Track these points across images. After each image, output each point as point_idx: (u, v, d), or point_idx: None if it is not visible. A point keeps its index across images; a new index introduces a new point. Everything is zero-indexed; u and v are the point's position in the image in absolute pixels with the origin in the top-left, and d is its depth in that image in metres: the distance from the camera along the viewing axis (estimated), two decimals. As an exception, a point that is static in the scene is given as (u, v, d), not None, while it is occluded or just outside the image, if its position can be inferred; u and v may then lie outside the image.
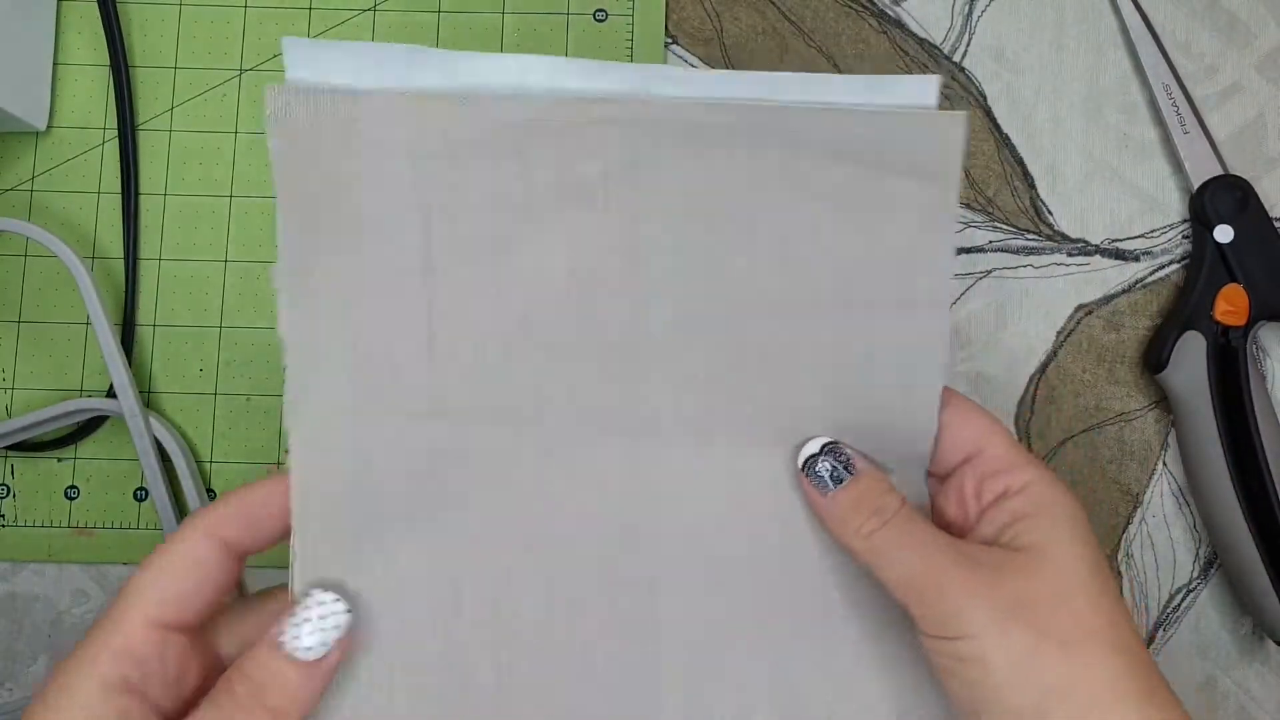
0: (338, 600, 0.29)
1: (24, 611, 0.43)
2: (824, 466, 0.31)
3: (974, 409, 0.32)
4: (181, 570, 0.28)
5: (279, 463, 0.43)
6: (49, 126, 0.45)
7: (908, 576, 0.29)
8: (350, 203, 0.30)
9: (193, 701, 0.28)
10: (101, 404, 0.43)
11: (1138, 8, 0.45)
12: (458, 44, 0.45)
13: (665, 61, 0.45)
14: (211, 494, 0.43)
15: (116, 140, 0.45)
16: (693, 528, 0.31)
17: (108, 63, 0.45)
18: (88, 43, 0.45)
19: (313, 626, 0.28)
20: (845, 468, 0.31)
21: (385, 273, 0.30)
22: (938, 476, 0.33)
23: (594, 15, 0.46)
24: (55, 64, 0.45)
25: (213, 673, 0.29)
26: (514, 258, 0.30)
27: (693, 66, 0.45)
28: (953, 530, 0.31)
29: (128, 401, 0.42)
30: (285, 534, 0.30)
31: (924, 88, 0.30)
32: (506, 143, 0.30)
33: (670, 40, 0.46)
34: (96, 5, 0.44)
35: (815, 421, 0.32)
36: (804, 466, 0.31)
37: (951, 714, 0.31)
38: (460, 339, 0.30)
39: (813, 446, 0.31)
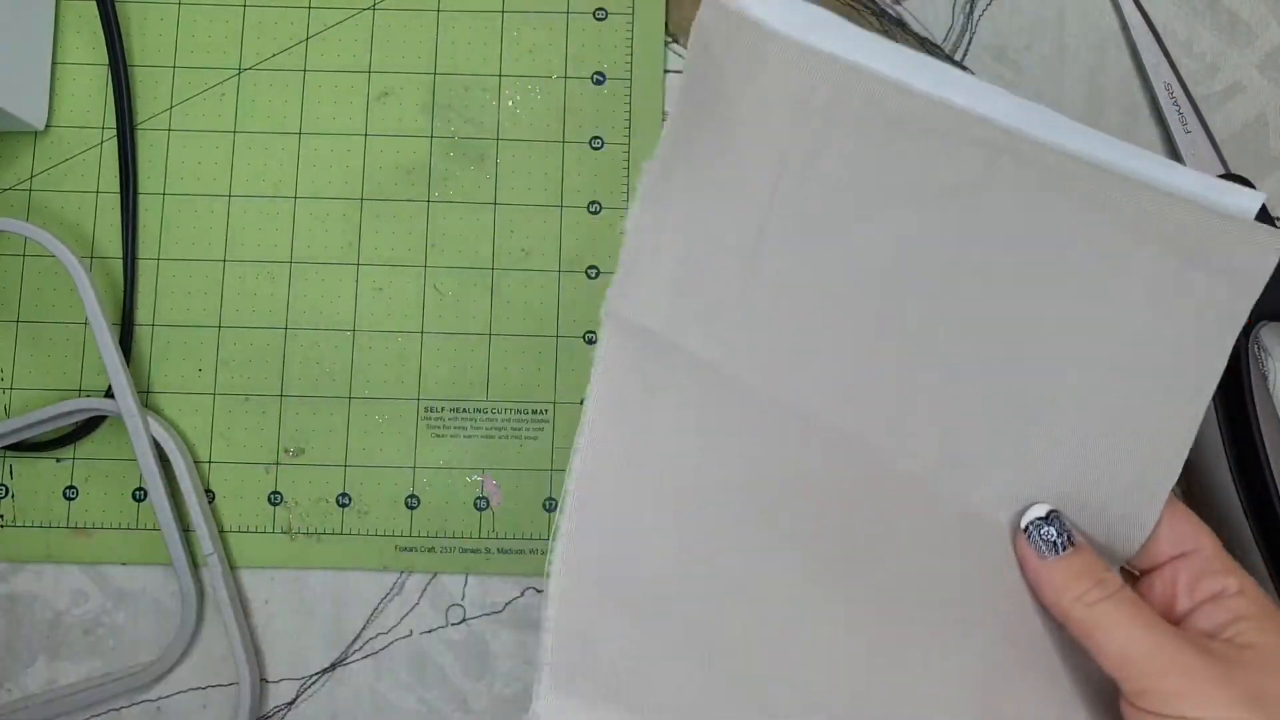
0: None
1: (23, 612, 0.43)
2: (1049, 533, 0.32)
3: (1186, 509, 0.34)
4: None
5: (278, 462, 0.43)
6: (48, 126, 0.45)
7: (1127, 650, 0.30)
8: (730, 126, 0.31)
9: None
10: (100, 404, 0.42)
11: (1139, 7, 0.45)
12: (455, 40, 0.45)
13: (665, 60, 0.45)
14: (210, 495, 0.43)
15: (115, 139, 0.45)
16: (913, 549, 0.32)
17: (107, 62, 0.45)
18: (87, 42, 0.45)
19: None
20: (1069, 539, 0.32)
21: (728, 206, 0.32)
22: (1141, 569, 0.34)
23: (594, 14, 0.45)
24: (54, 63, 0.45)
25: None
26: (838, 238, 0.32)
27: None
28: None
29: (125, 401, 0.41)
30: None
31: (1251, 201, 0.32)
32: (875, 129, 0.31)
33: (670, 40, 0.46)
34: (96, 4, 0.44)
35: (1039, 486, 0.32)
36: (1026, 528, 0.33)
37: None
38: (767, 295, 0.32)
39: (1038, 511, 0.32)
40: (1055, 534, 0.32)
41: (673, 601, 0.31)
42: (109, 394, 0.43)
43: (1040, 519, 0.32)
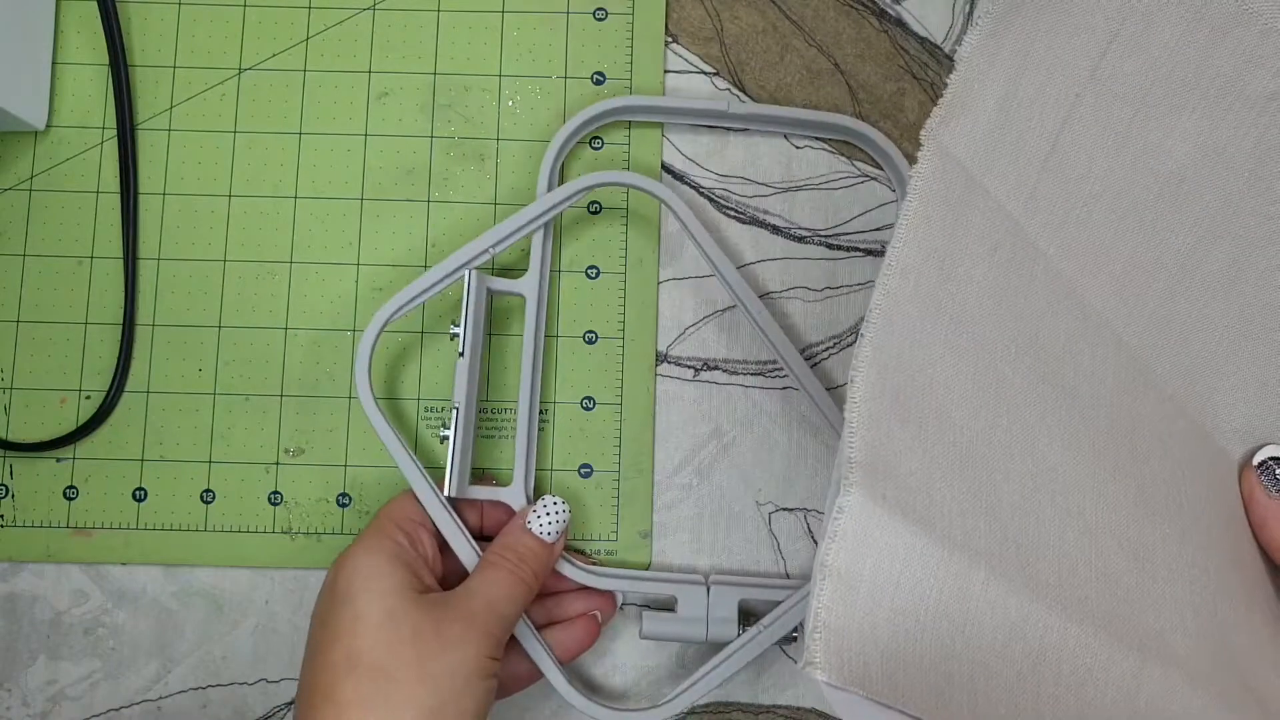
0: (563, 503, 0.40)
1: (23, 611, 0.43)
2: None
3: None
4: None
5: (278, 462, 0.43)
6: (48, 126, 0.45)
7: None
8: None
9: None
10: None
11: (1140, 6, 0.45)
12: (455, 40, 0.45)
13: (665, 58, 0.45)
14: (210, 494, 0.43)
15: (116, 139, 0.45)
16: (1169, 456, 0.32)
17: (107, 62, 0.45)
18: (87, 42, 0.45)
19: (549, 517, 0.40)
20: None
21: (1055, 64, 0.30)
22: None
23: (594, 14, 0.45)
24: (54, 63, 0.45)
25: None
26: (1144, 129, 0.31)
27: (694, 67, 0.45)
28: None
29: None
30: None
31: None
32: (1206, 23, 0.30)
33: (670, 39, 0.46)
34: (96, 5, 0.44)
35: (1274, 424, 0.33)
36: (1260, 465, 0.33)
37: None
38: (1068, 168, 0.31)
39: (1273, 450, 0.33)
40: None
41: (963, 446, 0.29)
42: (109, 393, 0.43)
43: (1274, 458, 0.33)
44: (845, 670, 0.25)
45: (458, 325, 0.40)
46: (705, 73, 0.45)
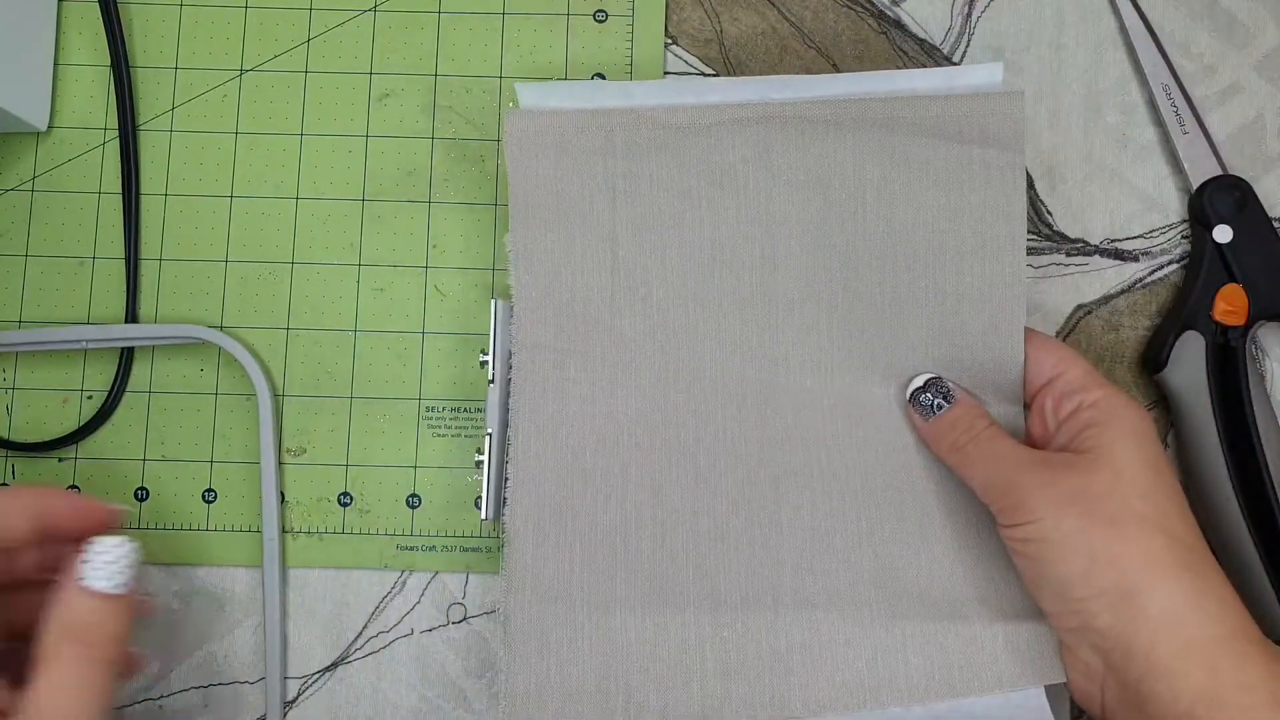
0: (122, 540, 0.32)
1: (25, 611, 0.43)
2: (926, 398, 0.38)
3: (1052, 341, 0.39)
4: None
5: (279, 462, 0.43)
6: (50, 126, 0.45)
7: (988, 479, 0.36)
8: (558, 189, 0.40)
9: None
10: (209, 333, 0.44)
11: (1137, 8, 0.45)
12: (456, 42, 0.45)
13: (664, 60, 0.45)
14: (212, 494, 0.44)
15: (117, 140, 0.45)
16: (813, 440, 0.39)
17: (108, 63, 0.45)
18: (88, 43, 0.46)
19: (104, 562, 0.32)
20: (945, 398, 0.38)
21: (584, 241, 0.40)
22: (1027, 403, 0.39)
23: (594, 16, 0.46)
24: (56, 64, 0.45)
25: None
26: (673, 229, 0.40)
27: (693, 68, 0.46)
28: (1037, 444, 0.38)
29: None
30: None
31: (990, 72, 0.39)
32: (668, 140, 0.40)
33: (670, 40, 0.46)
34: (97, 5, 0.45)
35: (918, 359, 0.39)
36: (910, 397, 0.39)
37: (1021, 596, 0.37)
38: (634, 291, 0.40)
39: (918, 381, 0.39)
40: (932, 397, 0.38)
41: (596, 535, 0.39)
42: (110, 392, 0.43)
43: (919, 388, 0.38)
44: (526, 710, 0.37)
45: (486, 354, 0.41)
46: (705, 74, 0.46)
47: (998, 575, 0.37)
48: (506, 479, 0.39)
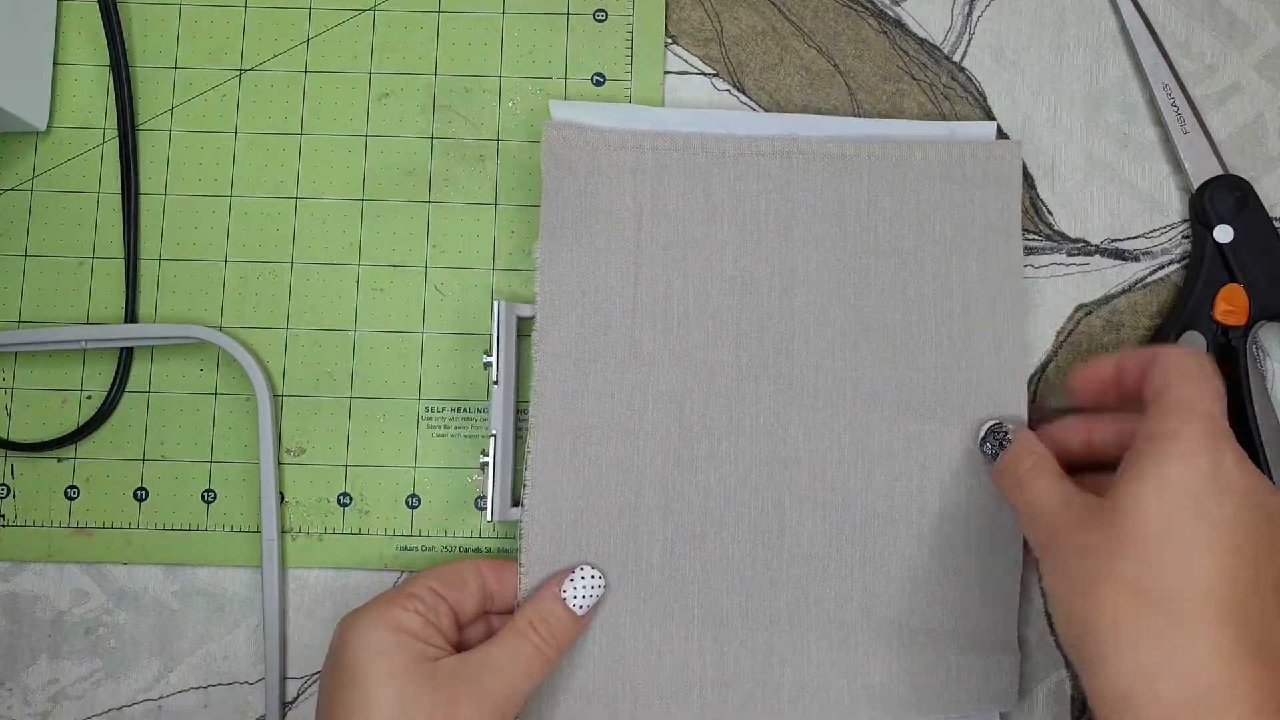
0: (600, 575, 0.40)
1: (24, 611, 0.43)
2: (987, 448, 0.40)
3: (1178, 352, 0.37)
4: (453, 575, 0.39)
5: (279, 462, 0.43)
6: (49, 126, 0.45)
7: (1024, 525, 0.37)
8: (588, 203, 0.42)
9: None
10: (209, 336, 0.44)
11: (1137, 8, 0.45)
12: (456, 41, 0.45)
13: (664, 60, 0.45)
14: (211, 494, 0.43)
15: (117, 140, 0.45)
16: (819, 466, 0.41)
17: (108, 63, 0.45)
18: (88, 42, 0.45)
19: (585, 588, 0.39)
20: (999, 443, 0.39)
21: (608, 254, 0.42)
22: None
23: (594, 15, 0.46)
24: (55, 64, 0.45)
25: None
26: (696, 249, 0.42)
27: (693, 68, 0.46)
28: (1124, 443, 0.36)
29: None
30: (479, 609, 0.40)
31: (986, 129, 0.43)
32: (697, 165, 0.43)
33: (670, 40, 0.46)
34: (96, 5, 0.45)
35: (927, 382, 0.42)
36: (981, 444, 0.41)
37: (990, 631, 0.41)
38: (655, 306, 0.42)
39: (981, 431, 0.41)
40: (990, 446, 0.40)
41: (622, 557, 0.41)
42: (111, 391, 0.43)
43: (981, 438, 0.40)
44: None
45: (489, 355, 0.41)
46: (705, 74, 0.46)
47: (973, 611, 0.41)
48: (525, 485, 0.41)
